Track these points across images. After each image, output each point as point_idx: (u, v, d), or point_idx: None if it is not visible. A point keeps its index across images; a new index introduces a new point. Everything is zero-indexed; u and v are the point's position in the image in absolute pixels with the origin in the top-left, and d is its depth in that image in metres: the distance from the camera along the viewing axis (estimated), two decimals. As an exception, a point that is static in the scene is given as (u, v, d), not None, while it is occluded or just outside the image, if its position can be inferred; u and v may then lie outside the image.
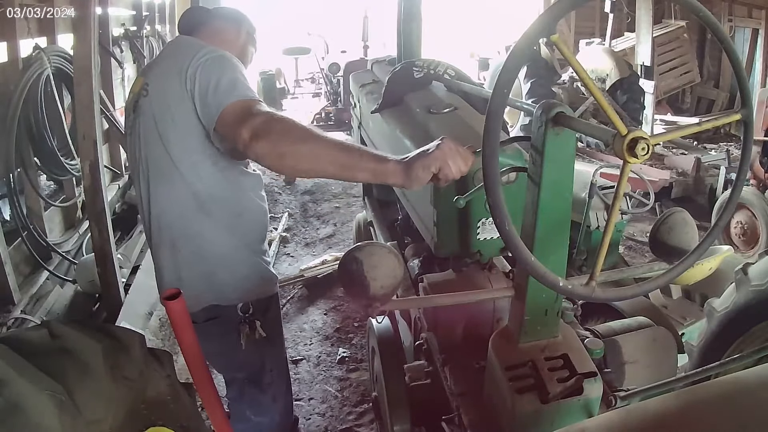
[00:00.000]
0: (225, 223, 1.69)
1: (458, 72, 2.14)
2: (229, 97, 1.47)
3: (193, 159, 1.60)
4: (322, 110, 6.67)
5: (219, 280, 1.71)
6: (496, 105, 0.90)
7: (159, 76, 1.63)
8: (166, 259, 1.72)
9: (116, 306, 3.09)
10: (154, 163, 1.65)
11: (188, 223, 1.66)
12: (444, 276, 1.66)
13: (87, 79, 2.84)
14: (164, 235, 1.70)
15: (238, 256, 1.73)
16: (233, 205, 1.70)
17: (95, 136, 2.88)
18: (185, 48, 1.62)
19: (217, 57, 1.56)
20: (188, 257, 1.70)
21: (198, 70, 1.52)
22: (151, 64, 1.80)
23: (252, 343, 1.75)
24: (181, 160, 1.60)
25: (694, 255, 1.09)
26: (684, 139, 7.12)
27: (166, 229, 1.69)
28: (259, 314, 1.77)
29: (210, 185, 1.64)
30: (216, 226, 1.67)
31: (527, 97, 6.49)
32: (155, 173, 1.65)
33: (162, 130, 1.59)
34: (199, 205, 1.64)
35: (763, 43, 7.73)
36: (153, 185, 1.67)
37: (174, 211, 1.66)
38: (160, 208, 1.68)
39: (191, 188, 1.63)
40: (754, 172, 4.47)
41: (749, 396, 0.81)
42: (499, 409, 1.24)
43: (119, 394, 1.19)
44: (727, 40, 0.99)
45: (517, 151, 1.56)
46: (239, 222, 1.72)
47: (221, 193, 1.66)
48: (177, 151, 1.60)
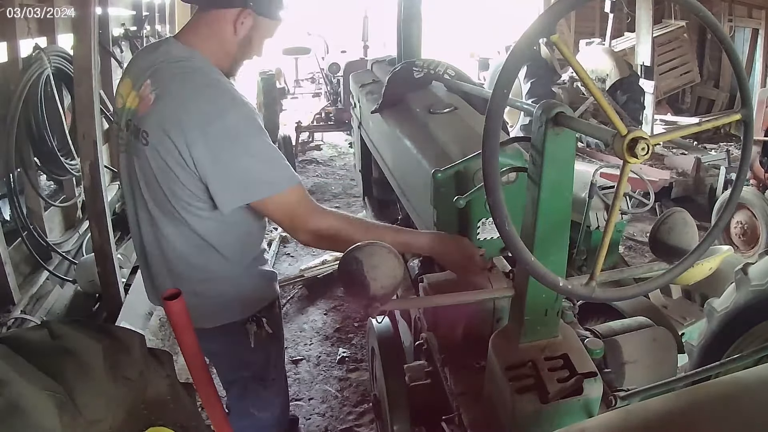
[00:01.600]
0: (232, 250, 1.64)
1: (458, 72, 2.14)
2: (260, 191, 1.45)
3: (199, 207, 1.51)
4: (322, 110, 6.66)
5: (227, 301, 1.69)
6: (496, 105, 0.90)
7: (159, 133, 1.42)
8: (168, 286, 1.60)
9: (116, 306, 3.09)
10: (158, 206, 1.55)
11: (195, 258, 1.61)
12: (444, 276, 1.66)
13: (87, 79, 2.84)
14: (170, 267, 1.64)
15: (245, 274, 1.71)
16: (240, 234, 1.65)
17: (95, 136, 2.88)
18: (186, 87, 1.42)
19: (237, 132, 1.40)
20: (194, 285, 1.63)
21: (214, 149, 1.38)
22: (143, 85, 1.50)
23: (260, 340, 1.75)
24: (186, 210, 1.51)
25: (694, 255, 1.09)
26: (684, 139, 7.11)
27: (172, 262, 1.62)
28: (266, 312, 1.77)
29: (217, 228, 1.57)
30: (223, 255, 1.62)
31: (527, 97, 6.49)
32: (158, 214, 1.56)
33: (164, 184, 1.48)
34: (207, 245, 1.59)
35: (763, 43, 7.72)
36: (157, 224, 1.58)
37: (182, 249, 1.59)
38: (165, 244, 1.60)
39: (197, 232, 1.56)
40: (754, 172, 4.47)
41: (749, 396, 0.81)
42: (499, 409, 1.24)
43: (119, 394, 1.19)
44: (727, 40, 0.99)
45: (517, 151, 1.56)
46: (245, 246, 1.69)
47: (226, 231, 1.60)
48: (182, 204, 1.50)
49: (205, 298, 1.65)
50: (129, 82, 1.57)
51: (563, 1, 0.88)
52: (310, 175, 6.35)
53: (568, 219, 1.16)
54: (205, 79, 1.45)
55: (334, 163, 6.82)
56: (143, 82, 1.49)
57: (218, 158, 1.40)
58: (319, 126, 6.70)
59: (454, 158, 1.61)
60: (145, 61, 1.55)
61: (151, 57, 1.54)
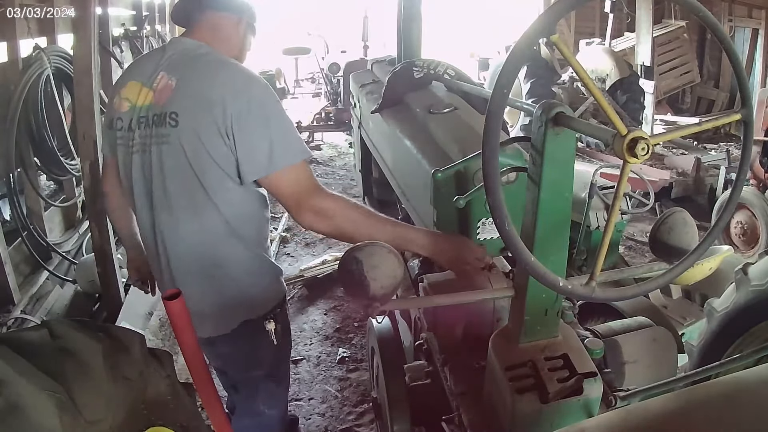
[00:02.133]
0: (252, 242, 1.67)
1: (458, 72, 2.14)
2: (282, 160, 1.49)
3: (227, 186, 1.55)
4: (322, 110, 6.67)
5: (249, 298, 1.70)
6: (496, 105, 0.90)
7: (189, 109, 1.49)
8: (192, 288, 1.63)
9: (116, 306, 3.09)
10: (184, 195, 1.55)
11: (219, 251, 1.62)
12: (444, 276, 1.66)
13: (87, 79, 2.84)
14: (193, 268, 1.64)
15: (261, 269, 1.73)
16: (256, 222, 1.69)
17: (95, 136, 2.89)
18: (208, 67, 1.52)
19: (262, 102, 1.49)
20: (219, 283, 1.65)
21: (242, 119, 1.46)
22: (156, 79, 1.56)
23: (277, 337, 1.79)
24: (216, 191, 1.54)
25: (694, 255, 1.09)
26: (684, 139, 7.12)
27: (196, 262, 1.63)
28: (279, 308, 1.80)
29: (241, 208, 1.61)
30: (245, 248, 1.65)
31: (527, 97, 6.49)
32: (184, 205, 1.56)
33: (195, 163, 1.50)
34: (230, 231, 1.61)
35: (763, 43, 7.73)
36: (182, 218, 1.58)
37: (207, 241, 1.60)
38: (189, 241, 1.60)
39: (224, 216, 1.58)
40: (754, 172, 4.47)
41: (749, 396, 0.81)
42: (499, 409, 1.24)
43: (119, 394, 1.19)
44: (727, 40, 0.99)
45: (517, 151, 1.56)
46: (260, 236, 1.73)
47: (249, 213, 1.64)
48: (213, 182, 1.53)
49: (228, 297, 1.67)
50: (136, 83, 1.59)
51: (563, 1, 0.88)
52: (310, 175, 6.34)
53: (568, 219, 1.16)
54: (225, 59, 1.57)
55: (334, 163, 6.82)
56: (156, 77, 1.55)
57: (247, 126, 1.47)
58: (319, 126, 6.71)
59: (454, 158, 1.61)
60: (152, 61, 1.61)
61: (157, 56, 1.61)
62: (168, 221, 1.60)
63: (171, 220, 1.60)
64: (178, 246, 1.63)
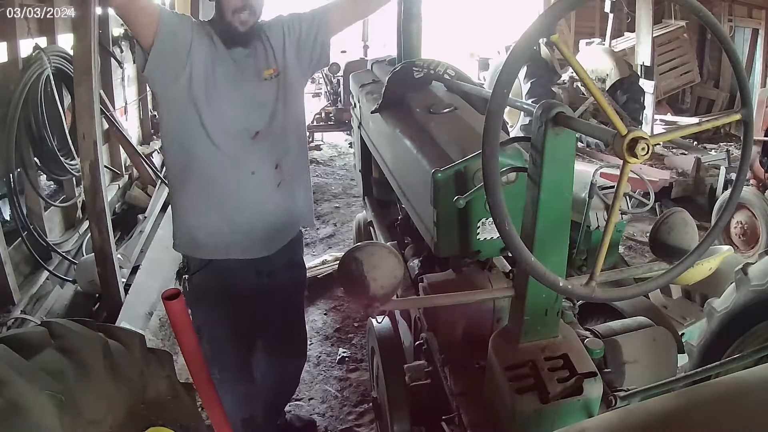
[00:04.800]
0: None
1: (458, 72, 2.14)
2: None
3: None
4: (322, 110, 6.67)
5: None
6: (496, 105, 0.90)
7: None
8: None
9: (116, 306, 3.09)
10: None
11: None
12: (444, 276, 1.66)
13: (87, 79, 2.84)
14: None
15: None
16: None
17: (95, 136, 2.88)
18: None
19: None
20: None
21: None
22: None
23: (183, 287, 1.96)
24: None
25: (694, 255, 1.09)
26: (684, 139, 7.11)
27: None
28: (188, 272, 1.99)
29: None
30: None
31: (527, 97, 6.49)
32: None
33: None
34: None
35: (763, 43, 7.73)
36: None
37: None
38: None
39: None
40: (754, 172, 4.46)
41: (749, 396, 0.81)
42: (499, 409, 1.24)
43: (119, 394, 1.19)
44: (727, 40, 0.99)
45: (517, 151, 1.56)
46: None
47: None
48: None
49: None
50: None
51: (563, 1, 0.88)
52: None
53: (568, 219, 1.16)
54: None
55: (334, 163, 6.82)
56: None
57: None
58: (319, 126, 6.71)
59: (454, 158, 1.61)
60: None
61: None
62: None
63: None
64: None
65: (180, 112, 1.86)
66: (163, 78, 1.84)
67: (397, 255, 1.16)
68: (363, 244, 1.15)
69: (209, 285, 2.00)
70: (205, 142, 1.87)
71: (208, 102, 1.86)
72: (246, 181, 1.94)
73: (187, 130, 1.88)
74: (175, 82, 1.83)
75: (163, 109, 1.92)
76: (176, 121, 1.89)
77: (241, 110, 1.92)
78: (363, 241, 1.16)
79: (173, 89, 1.84)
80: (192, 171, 1.91)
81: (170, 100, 1.88)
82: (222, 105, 1.88)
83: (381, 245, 1.16)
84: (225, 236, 1.96)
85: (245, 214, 1.96)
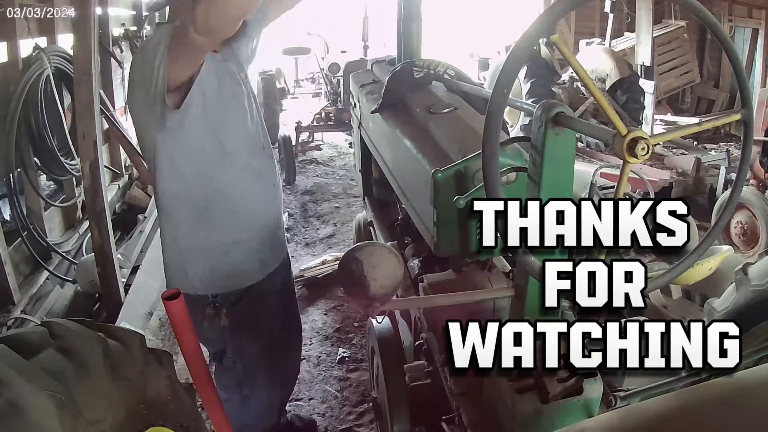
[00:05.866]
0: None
1: (458, 72, 2.14)
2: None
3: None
4: (322, 110, 6.66)
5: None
6: (496, 105, 0.90)
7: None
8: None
9: (116, 306, 3.09)
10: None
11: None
12: (444, 276, 1.66)
13: (87, 79, 2.84)
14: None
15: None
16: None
17: (95, 136, 2.88)
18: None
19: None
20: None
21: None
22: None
23: (213, 327, 1.82)
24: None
25: (694, 255, 1.09)
26: (684, 139, 7.10)
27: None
28: (228, 303, 1.83)
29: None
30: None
31: (527, 97, 6.48)
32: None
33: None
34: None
35: (763, 43, 7.72)
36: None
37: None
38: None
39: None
40: (754, 172, 4.46)
41: (749, 396, 0.81)
42: (499, 409, 1.24)
43: (119, 394, 1.19)
44: (727, 40, 0.99)
45: (517, 151, 1.56)
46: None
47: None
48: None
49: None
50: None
51: (563, 1, 0.88)
52: (310, 175, 6.34)
53: (568, 219, 1.16)
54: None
55: (334, 163, 6.82)
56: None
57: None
58: (319, 126, 6.70)
59: (454, 158, 1.61)
60: None
61: None
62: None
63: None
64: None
65: (199, 143, 1.69)
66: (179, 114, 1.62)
67: (397, 255, 1.17)
68: (363, 244, 1.15)
69: (251, 310, 1.90)
70: (231, 167, 1.75)
71: (224, 122, 1.73)
72: (270, 193, 1.91)
73: (208, 161, 1.72)
74: (186, 112, 1.62)
75: (173, 150, 1.68)
76: (197, 156, 1.71)
77: (247, 119, 1.81)
78: (363, 241, 1.16)
79: (187, 120, 1.64)
80: (218, 202, 1.77)
81: (185, 136, 1.66)
82: (236, 120, 1.78)
83: (381, 245, 1.16)
84: (258, 253, 1.88)
85: (272, 225, 1.93)
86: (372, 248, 1.15)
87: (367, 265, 1.12)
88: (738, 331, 0.88)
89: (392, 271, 1.14)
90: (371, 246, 1.15)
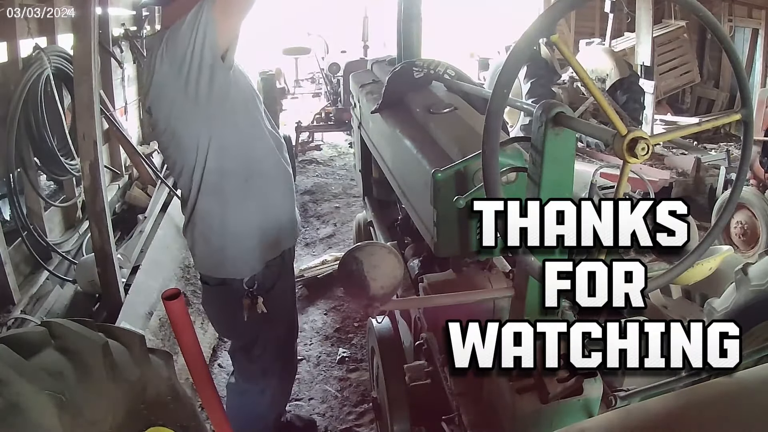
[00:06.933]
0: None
1: (458, 72, 2.14)
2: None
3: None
4: (322, 110, 6.66)
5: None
6: (496, 105, 0.90)
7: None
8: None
9: (116, 306, 3.08)
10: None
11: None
12: (444, 276, 1.66)
13: (87, 79, 2.84)
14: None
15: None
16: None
17: (95, 136, 2.88)
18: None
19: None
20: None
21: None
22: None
23: (252, 316, 1.85)
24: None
25: (694, 255, 1.09)
26: (684, 139, 7.10)
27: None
28: (263, 291, 1.87)
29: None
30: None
31: (527, 97, 6.48)
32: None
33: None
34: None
35: (763, 43, 7.72)
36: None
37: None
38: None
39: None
40: (754, 172, 4.46)
41: (749, 396, 0.81)
42: (499, 409, 1.24)
43: (119, 394, 1.19)
44: (727, 40, 0.99)
45: (517, 151, 1.56)
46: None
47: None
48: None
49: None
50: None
51: (563, 1, 0.88)
52: (310, 175, 6.34)
53: (568, 219, 1.16)
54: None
55: (334, 163, 6.82)
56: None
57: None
58: (319, 126, 6.70)
59: (454, 158, 1.61)
60: None
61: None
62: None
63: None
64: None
65: (238, 116, 1.76)
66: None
67: (397, 255, 1.17)
68: (363, 244, 1.15)
69: (283, 295, 2.02)
70: (262, 139, 1.85)
71: (248, 92, 1.81)
72: (285, 160, 1.97)
73: (246, 133, 1.80)
74: (232, 72, 1.69)
75: (221, 125, 1.73)
76: (239, 127, 1.78)
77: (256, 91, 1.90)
78: (363, 241, 1.16)
79: (232, 89, 1.71)
80: (255, 177, 1.83)
81: (231, 106, 1.73)
82: (253, 91, 1.85)
83: (381, 245, 1.16)
84: (291, 214, 2.02)
85: (293, 193, 2.05)
86: (372, 248, 1.15)
87: (367, 265, 1.12)
88: (738, 331, 0.89)
89: (392, 271, 1.14)
90: (371, 246, 1.15)
